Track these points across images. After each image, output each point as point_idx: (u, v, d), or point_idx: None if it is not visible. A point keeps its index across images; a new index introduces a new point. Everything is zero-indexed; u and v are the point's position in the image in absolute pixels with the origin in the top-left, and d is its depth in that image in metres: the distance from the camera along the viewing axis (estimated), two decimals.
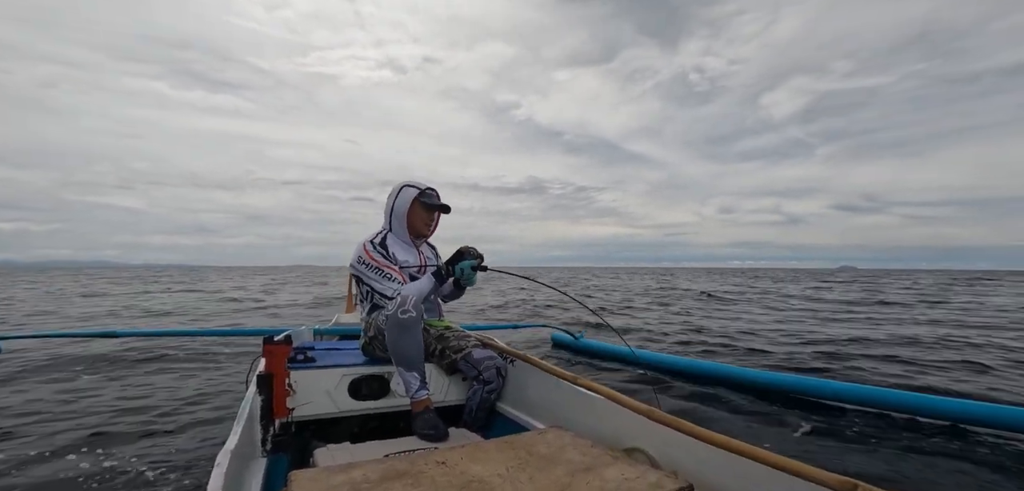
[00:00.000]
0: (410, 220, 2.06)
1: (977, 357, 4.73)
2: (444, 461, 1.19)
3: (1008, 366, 4.35)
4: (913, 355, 4.86)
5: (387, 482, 1.06)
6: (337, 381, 1.84)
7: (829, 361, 4.53)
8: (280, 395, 1.62)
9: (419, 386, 1.76)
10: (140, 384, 4.00)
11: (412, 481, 1.07)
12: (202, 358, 4.88)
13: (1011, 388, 3.58)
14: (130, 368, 4.57)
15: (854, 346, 5.47)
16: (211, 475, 0.95)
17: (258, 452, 1.47)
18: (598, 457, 1.17)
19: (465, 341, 2.00)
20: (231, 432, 1.25)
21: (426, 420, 1.68)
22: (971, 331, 6.88)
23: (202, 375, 4.33)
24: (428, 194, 2.07)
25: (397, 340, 1.74)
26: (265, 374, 1.59)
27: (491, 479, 1.09)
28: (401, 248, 2.07)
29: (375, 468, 1.12)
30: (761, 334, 6.47)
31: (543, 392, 1.77)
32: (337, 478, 1.05)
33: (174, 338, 5.71)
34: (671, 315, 9.33)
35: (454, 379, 2.02)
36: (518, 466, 1.15)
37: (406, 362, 1.76)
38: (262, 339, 1.71)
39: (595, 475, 1.07)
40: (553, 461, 1.17)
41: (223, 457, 1.04)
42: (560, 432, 1.36)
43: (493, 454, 1.23)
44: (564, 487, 1.03)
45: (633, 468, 1.10)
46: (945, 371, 4.14)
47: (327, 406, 1.80)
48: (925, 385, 3.50)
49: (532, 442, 1.30)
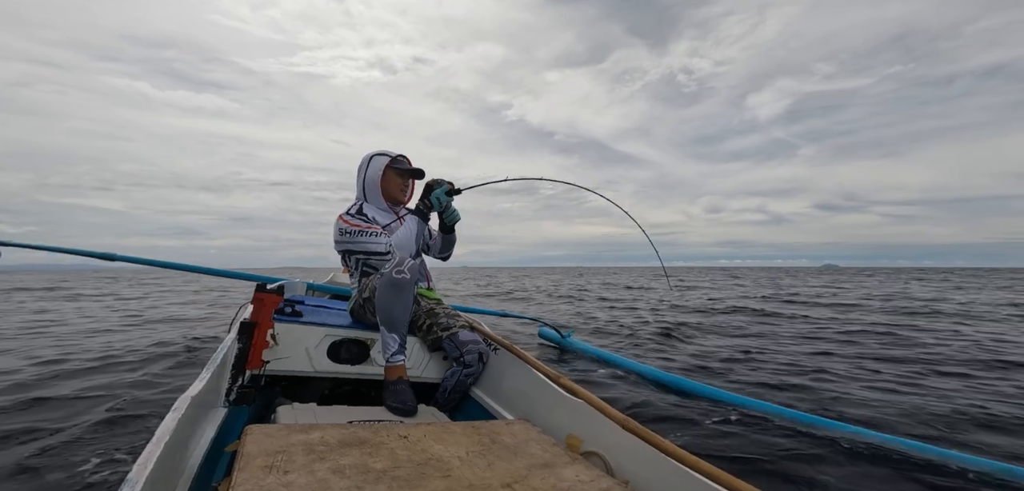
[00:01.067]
0: (385, 188, 2.07)
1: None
2: (407, 435, 1.19)
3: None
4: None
5: (344, 447, 1.06)
6: (319, 340, 1.84)
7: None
8: (259, 345, 1.61)
9: (396, 349, 1.75)
10: (120, 312, 4.01)
11: (370, 450, 1.07)
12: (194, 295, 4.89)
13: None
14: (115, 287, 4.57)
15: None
16: (164, 419, 0.94)
17: (220, 401, 1.45)
18: (558, 455, 1.17)
19: (453, 320, 2.00)
20: (197, 378, 1.24)
21: (397, 391, 1.68)
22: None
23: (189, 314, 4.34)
24: (399, 160, 2.07)
25: (386, 298, 1.75)
26: (249, 322, 1.59)
27: (450, 460, 1.08)
28: (380, 213, 2.07)
29: (335, 432, 1.12)
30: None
31: (518, 383, 1.77)
32: (294, 437, 1.05)
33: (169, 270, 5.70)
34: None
35: (435, 357, 2.02)
36: (479, 452, 1.15)
37: (390, 322, 1.76)
38: (255, 285, 1.71)
39: (552, 472, 1.07)
40: (514, 452, 1.17)
41: (181, 402, 1.03)
42: (527, 425, 1.36)
43: (457, 436, 1.23)
44: (519, 479, 1.03)
45: (588, 471, 1.09)
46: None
47: (303, 364, 1.80)
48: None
49: (498, 430, 1.30)
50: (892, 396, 3.36)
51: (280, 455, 0.97)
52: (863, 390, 3.52)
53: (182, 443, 1.02)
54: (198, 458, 1.06)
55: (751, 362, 4.40)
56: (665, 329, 6.03)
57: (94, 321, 5.50)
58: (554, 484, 1.02)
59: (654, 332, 5.80)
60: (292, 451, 0.99)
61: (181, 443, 1.01)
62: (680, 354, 4.75)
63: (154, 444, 0.83)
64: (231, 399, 1.47)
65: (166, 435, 0.87)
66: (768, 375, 3.93)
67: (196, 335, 4.33)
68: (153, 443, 0.83)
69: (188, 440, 1.09)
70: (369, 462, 1.01)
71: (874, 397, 3.31)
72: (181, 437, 1.00)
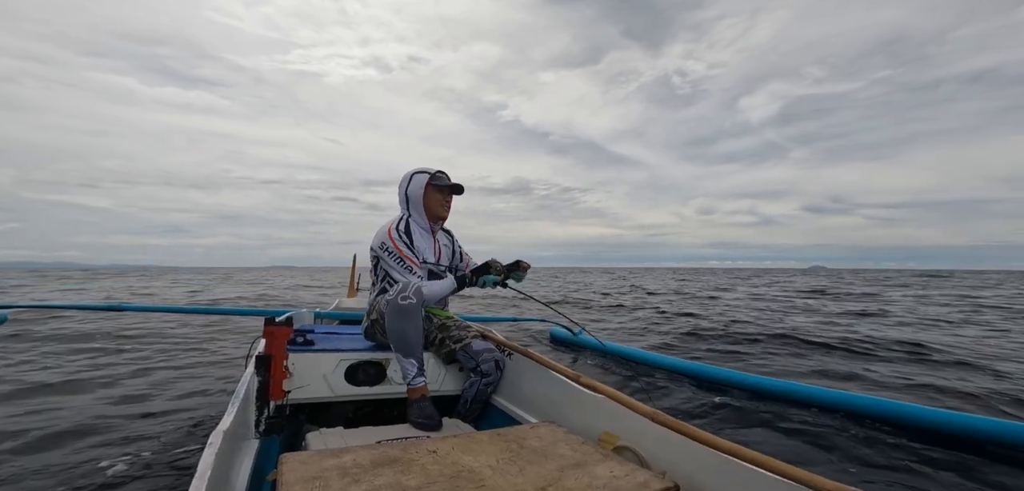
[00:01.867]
0: (426, 204, 2.07)
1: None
2: (435, 450, 1.19)
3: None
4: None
5: (377, 468, 1.07)
6: (334, 365, 1.85)
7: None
8: (277, 377, 1.63)
9: (416, 373, 1.76)
10: (141, 360, 4.05)
11: (402, 468, 1.08)
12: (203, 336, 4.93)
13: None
14: (131, 342, 4.62)
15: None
16: (202, 454, 0.96)
17: (251, 433, 1.48)
18: (588, 453, 1.17)
19: (465, 332, 2.00)
20: (226, 412, 1.26)
21: (421, 408, 1.69)
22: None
23: (203, 353, 4.37)
24: (438, 176, 2.07)
25: (396, 325, 1.75)
26: (264, 355, 1.61)
27: (481, 470, 1.09)
28: (421, 236, 2.07)
29: (366, 453, 1.13)
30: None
31: (538, 386, 1.78)
32: (328, 462, 1.06)
33: (178, 315, 5.73)
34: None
35: (451, 369, 2.03)
36: (509, 458, 1.16)
37: (404, 348, 1.76)
38: (263, 320, 1.72)
39: (585, 471, 1.08)
40: (544, 455, 1.17)
41: (216, 437, 1.04)
42: (552, 427, 1.37)
43: (485, 445, 1.24)
44: (553, 481, 1.03)
45: (622, 466, 1.10)
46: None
47: (323, 390, 1.81)
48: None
49: (524, 435, 1.30)
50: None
51: (317, 481, 0.98)
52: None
53: (224, 476, 1.04)
54: (242, 488, 1.09)
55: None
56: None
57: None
58: (589, 482, 1.02)
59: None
60: (327, 476, 1.00)
61: (223, 476, 1.03)
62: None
63: (198, 480, 0.84)
64: (261, 430, 1.50)
65: (207, 470, 0.88)
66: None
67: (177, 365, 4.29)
68: (197, 479, 0.85)
69: (228, 473, 1.11)
70: (403, 480, 1.02)
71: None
72: (222, 470, 1.01)
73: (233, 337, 5.24)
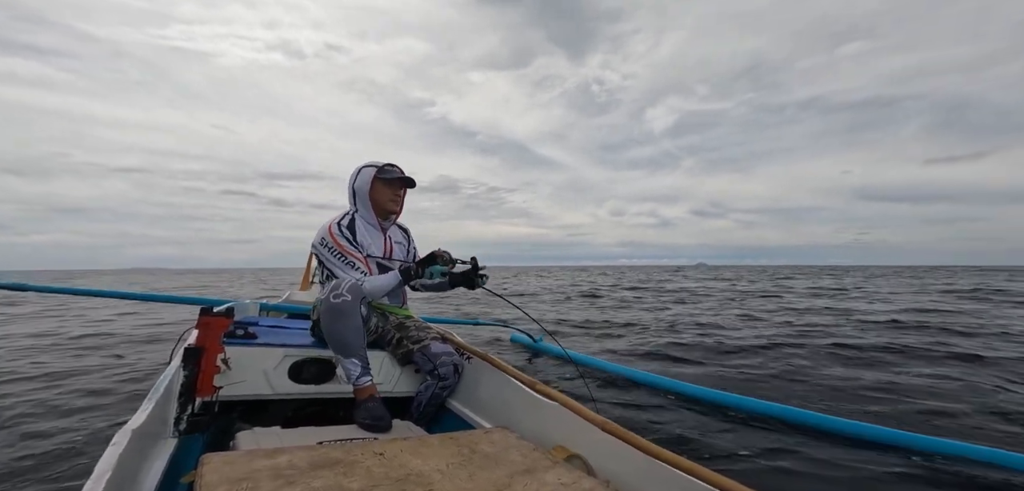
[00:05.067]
0: (375, 199, 1.98)
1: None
2: (382, 452, 1.14)
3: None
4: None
5: (316, 470, 1.00)
6: (277, 361, 1.74)
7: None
8: (208, 371, 1.49)
9: (360, 372, 1.67)
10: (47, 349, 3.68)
11: (344, 470, 1.02)
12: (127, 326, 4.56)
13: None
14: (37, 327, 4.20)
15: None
16: (103, 455, 0.85)
17: (169, 432, 1.33)
18: (538, 460, 1.15)
19: (424, 333, 1.94)
20: (139, 409, 1.14)
21: (368, 409, 1.61)
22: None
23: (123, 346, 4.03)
24: (387, 169, 1.99)
25: (330, 325, 1.65)
26: (194, 347, 1.47)
27: (430, 474, 1.05)
28: (367, 232, 1.98)
29: (304, 455, 1.06)
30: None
31: (494, 392, 1.74)
32: (259, 462, 0.98)
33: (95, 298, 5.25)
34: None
35: (406, 370, 1.96)
36: (459, 463, 1.12)
37: (343, 348, 1.67)
38: (199, 309, 1.59)
39: (534, 478, 1.05)
40: (495, 461, 1.14)
41: (122, 436, 0.93)
42: (505, 433, 1.34)
43: (436, 449, 1.19)
44: (502, 487, 1.00)
45: (569, 473, 1.08)
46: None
47: (262, 387, 1.69)
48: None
49: (476, 440, 1.27)
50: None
51: (244, 482, 0.90)
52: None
53: (129, 478, 0.93)
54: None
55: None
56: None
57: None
58: (537, 489, 1.00)
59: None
60: (257, 477, 0.93)
61: (127, 478, 0.92)
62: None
63: (94, 482, 0.75)
64: (182, 428, 1.35)
65: (107, 471, 0.78)
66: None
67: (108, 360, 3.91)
68: (93, 480, 0.75)
69: (136, 475, 0.99)
70: (343, 482, 0.96)
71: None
72: (126, 472, 0.90)
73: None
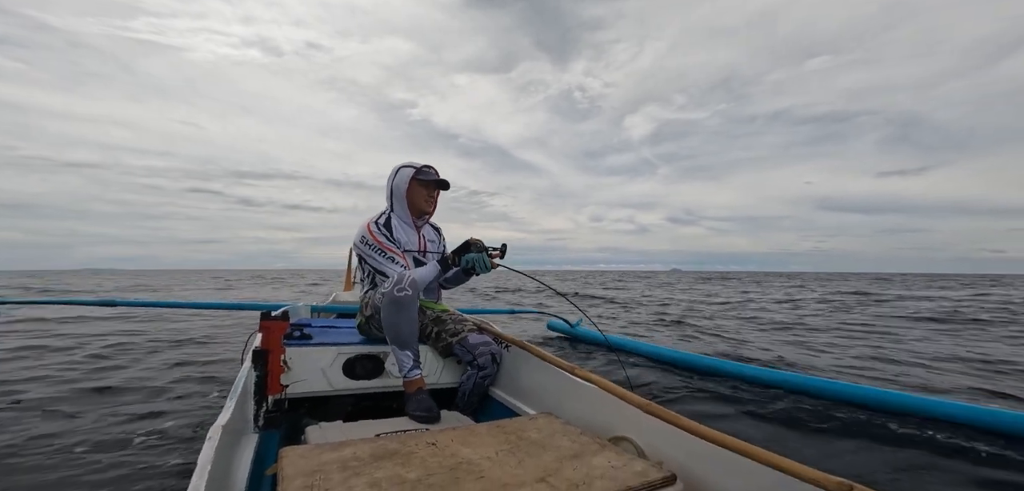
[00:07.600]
0: (411, 199, 2.08)
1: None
2: (434, 442, 1.20)
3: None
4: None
5: (377, 461, 1.07)
6: (332, 359, 1.85)
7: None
8: (275, 371, 1.63)
9: (412, 366, 1.78)
10: (136, 355, 4.03)
11: (402, 461, 1.09)
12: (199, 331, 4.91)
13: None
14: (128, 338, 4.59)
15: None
16: (202, 449, 0.96)
17: (250, 428, 1.48)
18: (586, 444, 1.18)
19: (461, 325, 2.01)
20: (224, 407, 1.26)
21: (419, 401, 1.70)
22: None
23: (198, 348, 4.35)
24: (424, 171, 2.08)
25: (392, 318, 1.76)
26: (261, 350, 1.60)
27: (480, 462, 1.10)
28: (403, 230, 2.09)
29: (366, 447, 1.14)
30: None
31: (536, 379, 1.79)
32: (327, 455, 1.07)
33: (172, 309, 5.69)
34: None
35: (449, 362, 2.04)
36: (508, 450, 1.17)
37: (400, 340, 1.77)
38: (259, 314, 1.72)
39: (582, 462, 1.09)
40: (542, 446, 1.18)
41: (215, 432, 1.05)
42: (550, 419, 1.38)
43: (484, 437, 1.25)
44: (552, 472, 1.05)
45: (619, 457, 1.11)
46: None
47: (321, 384, 1.81)
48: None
49: (522, 427, 1.32)
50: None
51: (317, 474, 0.98)
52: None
53: (224, 470, 1.05)
54: (242, 483, 1.09)
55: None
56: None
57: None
58: (587, 472, 1.03)
59: None
60: (327, 469, 1.01)
61: (224, 470, 1.04)
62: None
63: (198, 474, 0.85)
64: (260, 424, 1.50)
65: (208, 463, 0.88)
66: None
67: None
68: (197, 473, 0.85)
69: (229, 466, 1.11)
70: (403, 472, 1.03)
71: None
72: (222, 464, 1.02)
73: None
